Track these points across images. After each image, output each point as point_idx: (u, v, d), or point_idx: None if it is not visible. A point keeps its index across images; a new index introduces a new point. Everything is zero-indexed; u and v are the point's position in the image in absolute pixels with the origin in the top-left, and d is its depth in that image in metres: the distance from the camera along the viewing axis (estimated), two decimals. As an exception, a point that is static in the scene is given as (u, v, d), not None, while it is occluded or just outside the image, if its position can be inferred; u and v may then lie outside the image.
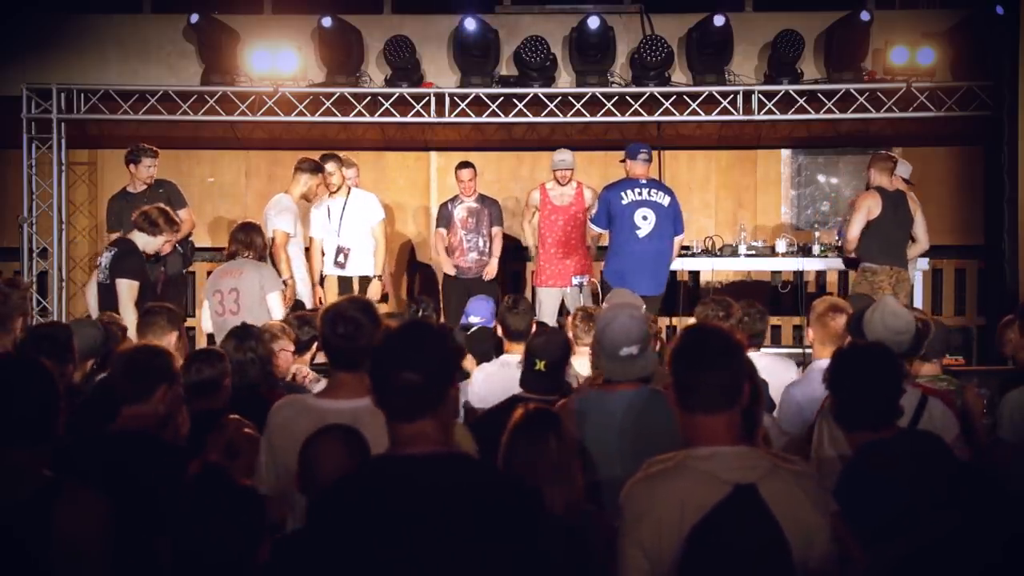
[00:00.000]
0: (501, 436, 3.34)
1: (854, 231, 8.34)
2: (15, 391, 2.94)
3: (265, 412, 3.70)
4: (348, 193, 8.72)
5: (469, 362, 5.89)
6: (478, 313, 6.84)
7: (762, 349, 5.75)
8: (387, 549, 2.46)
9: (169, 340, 5.25)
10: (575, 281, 8.95)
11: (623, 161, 8.69)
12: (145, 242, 7.25)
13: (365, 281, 8.69)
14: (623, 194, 8.50)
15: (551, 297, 9.04)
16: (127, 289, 7.15)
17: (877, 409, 3.43)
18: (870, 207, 8.32)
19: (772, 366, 5.24)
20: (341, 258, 8.65)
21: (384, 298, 8.91)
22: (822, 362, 5.01)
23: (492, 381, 5.32)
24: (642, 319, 3.92)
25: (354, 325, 3.50)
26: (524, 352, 4.55)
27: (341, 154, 9.08)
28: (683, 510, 2.62)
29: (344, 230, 8.65)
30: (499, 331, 5.70)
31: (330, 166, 8.62)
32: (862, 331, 4.29)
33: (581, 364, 5.16)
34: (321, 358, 5.07)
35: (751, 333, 5.45)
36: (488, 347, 6.06)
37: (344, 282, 8.76)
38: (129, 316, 7.17)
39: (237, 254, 7.00)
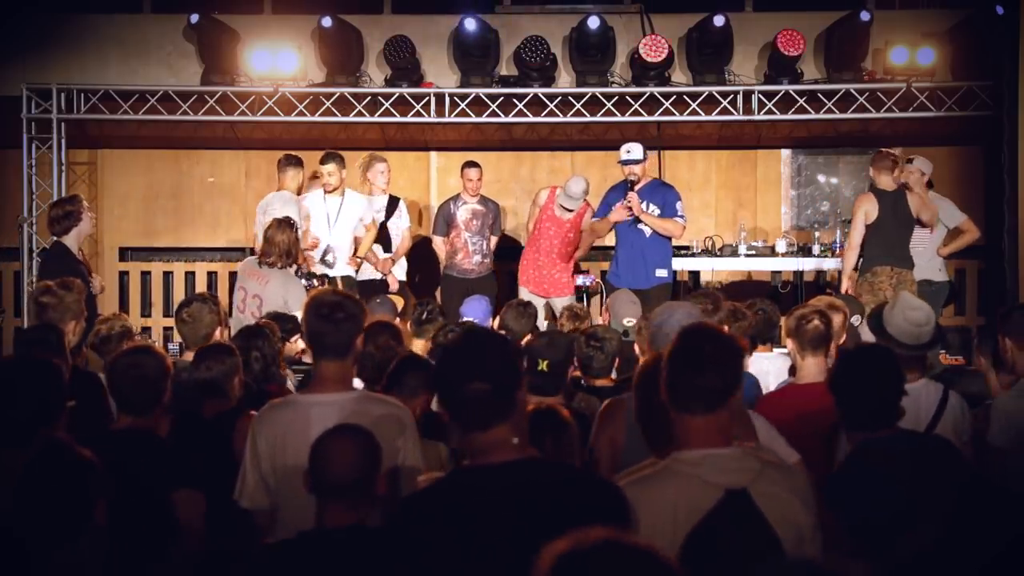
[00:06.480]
0: None
1: (855, 238, 8.36)
2: (17, 391, 2.94)
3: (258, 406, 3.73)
4: (343, 194, 8.76)
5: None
6: (473, 314, 6.83)
7: (775, 350, 5.73)
8: (477, 561, 2.44)
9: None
10: (579, 281, 8.96)
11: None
12: (77, 235, 7.03)
13: (348, 280, 8.65)
14: None
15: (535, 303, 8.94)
16: None
17: (873, 410, 3.42)
18: (867, 211, 8.33)
19: (785, 366, 5.26)
20: (330, 257, 8.63)
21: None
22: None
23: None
24: (696, 318, 3.79)
25: (339, 309, 3.52)
26: (526, 353, 4.55)
27: (381, 154, 9.15)
28: (675, 516, 2.61)
29: (337, 230, 8.66)
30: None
31: (330, 166, 8.65)
32: (883, 328, 4.23)
33: None
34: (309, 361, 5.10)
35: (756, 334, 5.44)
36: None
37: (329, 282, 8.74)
38: None
39: (267, 255, 6.98)
